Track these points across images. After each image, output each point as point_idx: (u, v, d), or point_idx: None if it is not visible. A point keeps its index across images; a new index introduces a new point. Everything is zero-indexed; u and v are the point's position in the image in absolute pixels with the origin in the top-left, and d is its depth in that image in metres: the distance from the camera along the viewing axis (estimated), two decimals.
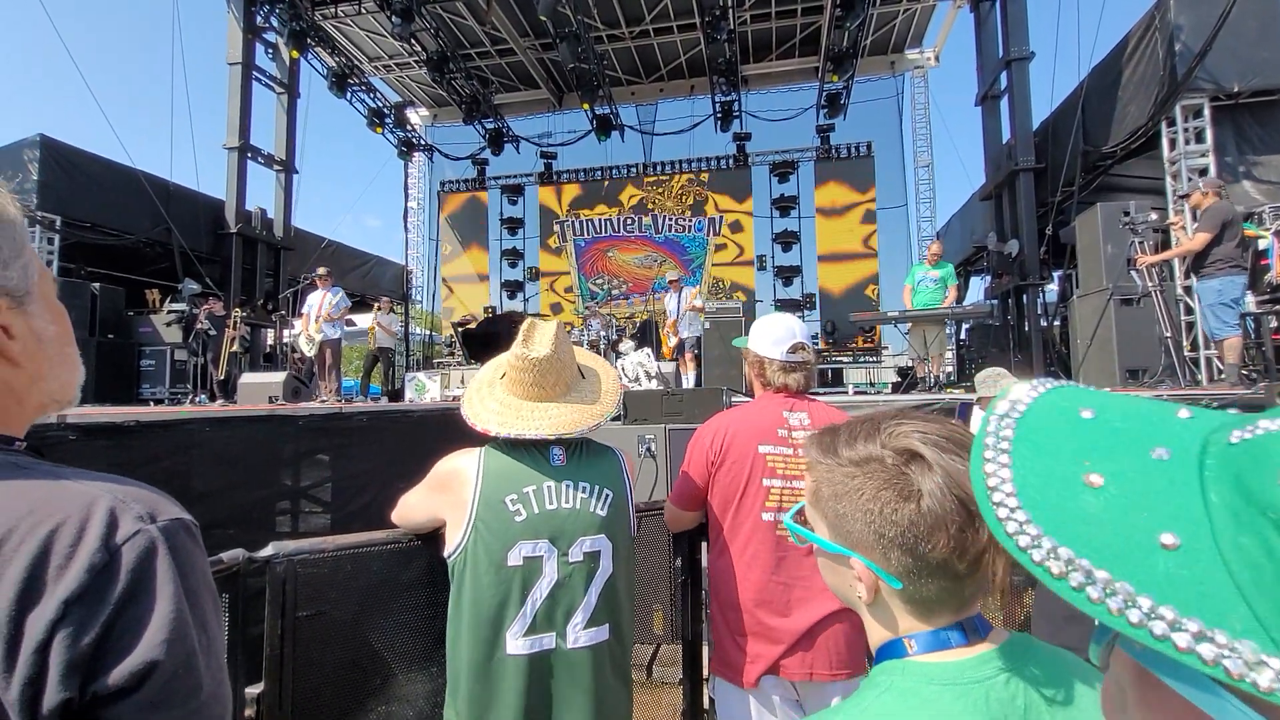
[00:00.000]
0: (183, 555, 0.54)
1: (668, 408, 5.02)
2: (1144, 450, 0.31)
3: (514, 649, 1.30)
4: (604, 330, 10.32)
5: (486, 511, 1.33)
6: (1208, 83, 7.03)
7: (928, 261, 7.69)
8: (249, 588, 1.53)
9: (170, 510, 0.55)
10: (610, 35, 13.91)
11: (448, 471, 1.41)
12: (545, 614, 1.32)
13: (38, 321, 0.60)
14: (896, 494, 0.60)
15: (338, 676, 1.70)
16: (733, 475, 1.71)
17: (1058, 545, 0.30)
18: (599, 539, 1.39)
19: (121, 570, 0.50)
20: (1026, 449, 0.35)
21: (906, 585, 0.60)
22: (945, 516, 0.58)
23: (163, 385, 9.14)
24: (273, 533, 3.69)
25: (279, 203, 12.27)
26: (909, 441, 0.61)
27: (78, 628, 0.47)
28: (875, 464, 0.62)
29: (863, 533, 0.62)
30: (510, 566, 1.31)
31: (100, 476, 0.56)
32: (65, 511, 0.50)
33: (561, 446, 1.43)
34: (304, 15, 11.42)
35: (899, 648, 0.62)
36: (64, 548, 0.49)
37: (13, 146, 8.92)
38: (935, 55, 14.96)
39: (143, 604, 0.50)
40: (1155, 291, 5.97)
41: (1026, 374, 8.69)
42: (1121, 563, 0.28)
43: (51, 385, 0.63)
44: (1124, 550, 0.28)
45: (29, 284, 0.59)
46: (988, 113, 10.59)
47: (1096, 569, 0.29)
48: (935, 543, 0.58)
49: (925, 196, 15.17)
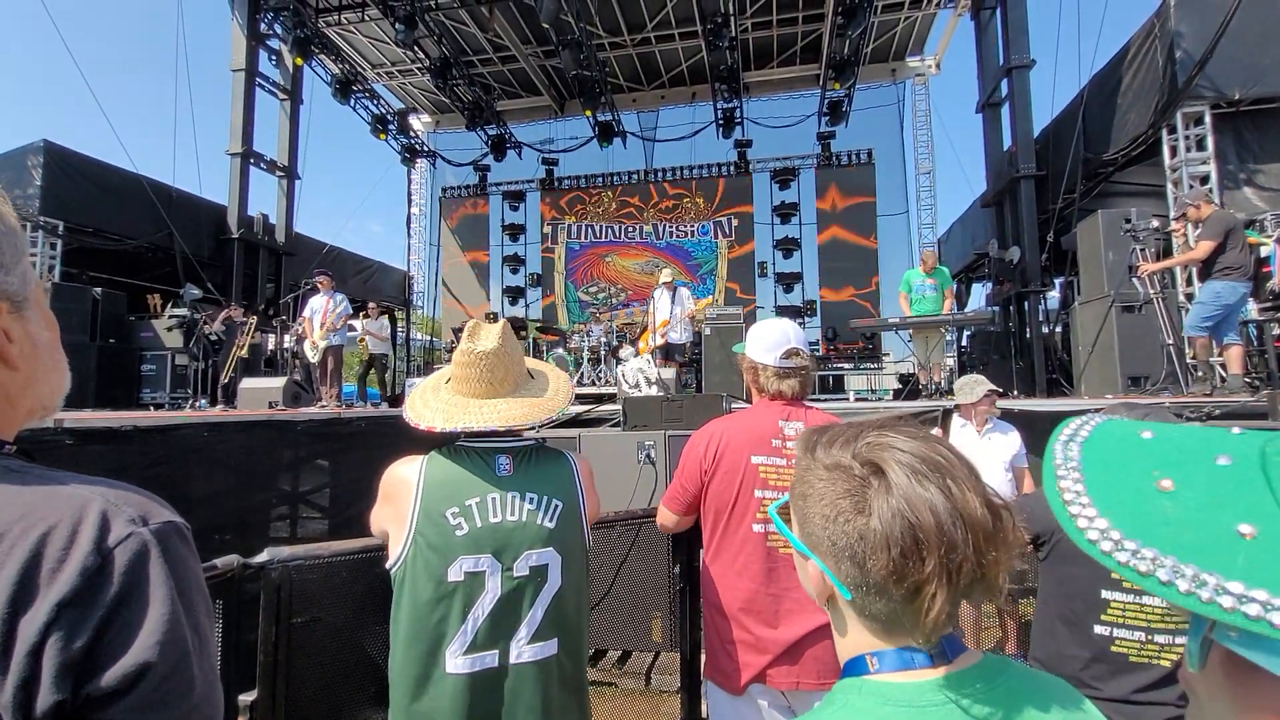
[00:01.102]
0: (175, 558, 0.54)
1: (668, 414, 5.00)
2: (1208, 458, 0.34)
3: (453, 668, 1.25)
4: (604, 336, 10.33)
5: (426, 524, 1.27)
6: (1209, 90, 7.04)
7: (923, 269, 7.70)
8: (244, 593, 1.52)
9: (162, 513, 0.56)
10: (612, 42, 13.97)
11: (391, 482, 1.35)
12: (487, 631, 1.27)
13: (34, 326, 0.61)
14: (852, 505, 0.59)
15: (332, 684, 1.69)
16: (725, 485, 1.70)
17: (1141, 546, 0.32)
18: (546, 552, 1.33)
19: (114, 573, 0.50)
20: (1096, 465, 0.38)
21: (855, 597, 0.60)
22: (889, 538, 0.56)
23: (163, 390, 9.13)
24: (270, 538, 3.68)
25: (281, 208, 12.31)
26: (879, 456, 0.60)
27: (70, 630, 0.47)
28: (842, 472, 0.62)
29: (820, 537, 0.62)
30: (450, 582, 1.26)
31: (92, 480, 0.56)
32: (58, 515, 0.51)
33: (508, 455, 1.38)
34: (308, 23, 11.49)
35: (861, 665, 0.61)
36: (56, 551, 0.49)
37: (16, 152, 8.95)
38: (936, 63, 15.01)
39: (136, 606, 0.50)
40: (1157, 298, 5.95)
41: (1028, 381, 8.69)
42: (1206, 555, 0.30)
43: (42, 390, 0.63)
44: (1206, 544, 0.31)
45: (28, 290, 0.60)
46: (989, 120, 10.62)
47: (1183, 564, 0.31)
48: (877, 562, 0.57)
49: (926, 203, 15.19)
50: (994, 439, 3.67)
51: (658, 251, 15.79)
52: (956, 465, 0.59)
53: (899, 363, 13.91)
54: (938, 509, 0.56)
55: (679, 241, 15.73)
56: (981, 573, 0.55)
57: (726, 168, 15.50)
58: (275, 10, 11.19)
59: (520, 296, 16.51)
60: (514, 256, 16.60)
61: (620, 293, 15.90)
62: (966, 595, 0.57)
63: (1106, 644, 1.49)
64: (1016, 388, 8.30)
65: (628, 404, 5.19)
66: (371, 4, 11.49)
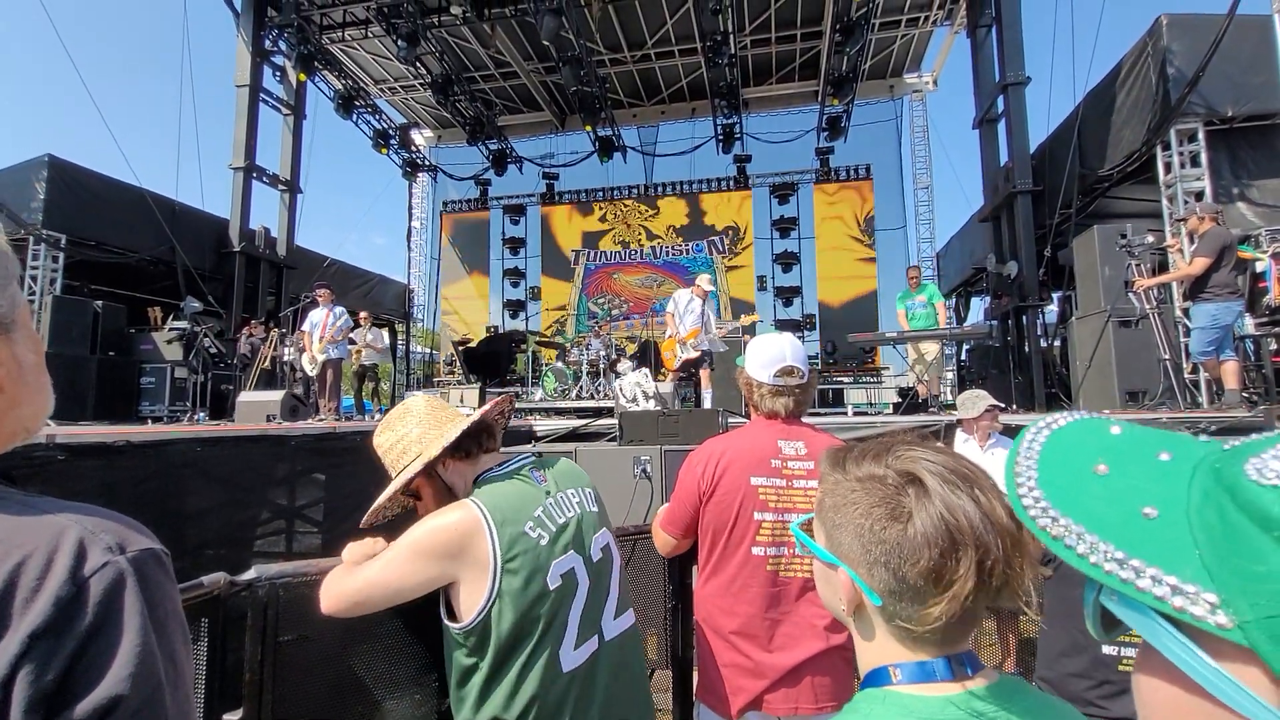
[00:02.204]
0: (151, 586, 0.53)
1: (664, 429, 4.99)
2: (1151, 453, 0.37)
3: (570, 664, 1.30)
4: (603, 350, 10.34)
5: (512, 551, 1.27)
6: (1201, 107, 7.10)
7: (910, 287, 7.80)
8: (231, 611, 1.51)
9: (140, 541, 0.55)
10: (612, 59, 14.13)
11: (455, 533, 1.27)
12: (587, 620, 1.34)
13: (20, 349, 0.61)
14: (888, 513, 0.62)
15: (319, 704, 1.67)
16: (723, 506, 1.66)
17: (1060, 516, 0.37)
18: (603, 533, 1.45)
19: (89, 603, 0.49)
20: (1052, 451, 0.42)
21: (886, 604, 0.62)
22: (929, 540, 0.59)
23: (162, 403, 9.14)
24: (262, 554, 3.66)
25: (282, 222, 12.39)
26: (913, 466, 0.63)
27: (42, 662, 0.46)
28: (876, 482, 0.64)
29: (852, 545, 0.64)
30: (550, 590, 1.29)
31: (70, 506, 0.55)
32: (33, 543, 0.50)
33: (530, 466, 1.46)
34: (312, 39, 11.63)
35: (884, 675, 0.63)
36: (30, 580, 0.48)
37: (21, 166, 9.03)
38: (933, 79, 15.17)
39: (109, 637, 0.49)
40: (1153, 314, 5.97)
41: (1027, 395, 8.69)
42: (1109, 529, 0.35)
43: (25, 412, 0.62)
44: (1113, 520, 0.35)
45: (15, 312, 0.60)
46: (985, 136, 10.70)
47: (1088, 533, 0.35)
48: (916, 564, 0.59)
49: (925, 218, 15.27)
50: (997, 454, 3.67)
51: (657, 269, 15.88)
52: (982, 476, 0.63)
53: (898, 376, 13.90)
54: (970, 514, 0.59)
55: (675, 259, 15.83)
56: (1008, 577, 0.58)
57: (726, 182, 15.61)
58: (280, 27, 11.33)
59: (520, 310, 16.57)
60: (514, 270, 16.67)
61: (623, 304, 15.97)
62: (996, 599, 0.59)
63: (1114, 664, 1.49)
64: (1015, 402, 8.29)
65: (624, 418, 5.18)
66: (375, 21, 11.64)
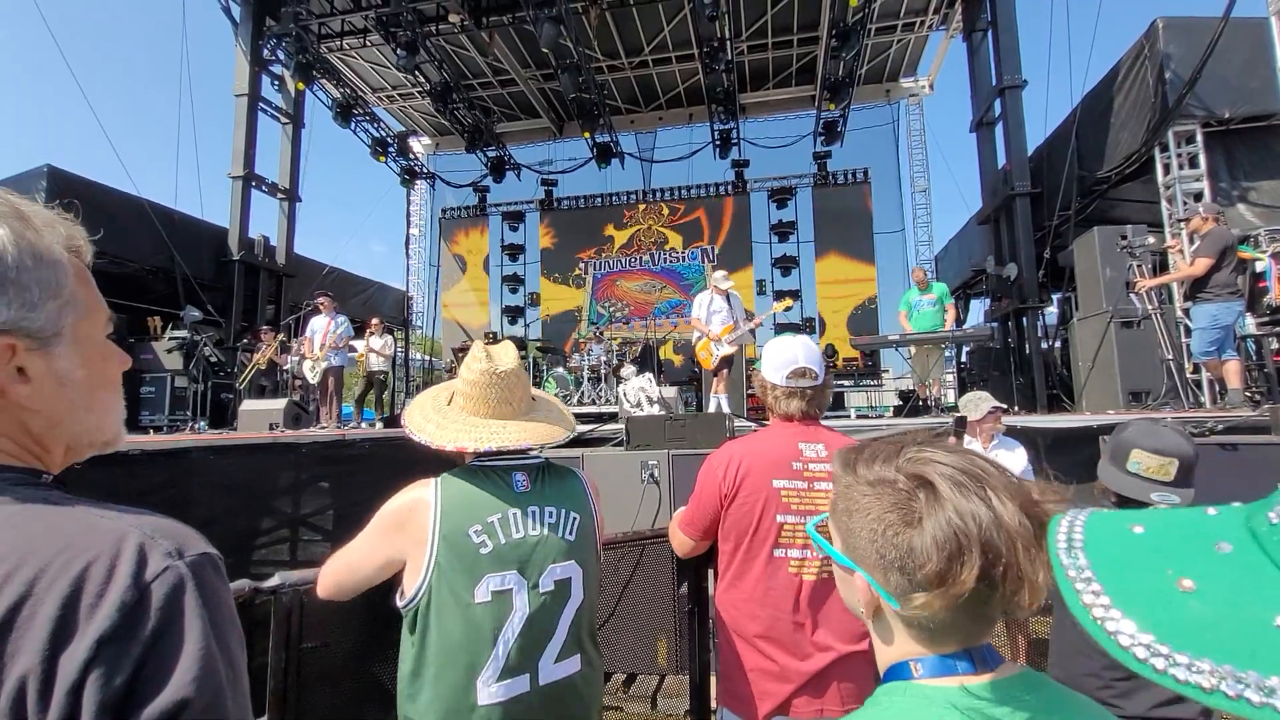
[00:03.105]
0: (209, 591, 0.54)
1: (670, 433, 4.99)
2: (1209, 547, 0.34)
3: (486, 698, 1.19)
4: (604, 355, 10.33)
5: (449, 545, 1.23)
6: (1199, 109, 7.16)
7: (918, 286, 7.78)
8: (252, 617, 1.50)
9: (197, 545, 0.56)
10: (610, 66, 14.19)
11: (402, 507, 1.28)
12: (518, 653, 1.23)
13: (64, 364, 0.61)
14: (900, 518, 0.61)
15: (341, 710, 1.66)
16: (745, 510, 1.64)
17: (1193, 658, 0.31)
18: (568, 565, 1.32)
19: (152, 607, 0.50)
20: (1110, 571, 0.37)
21: (902, 607, 0.61)
22: (939, 545, 0.58)
23: (162, 412, 9.11)
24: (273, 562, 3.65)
25: (281, 230, 12.39)
26: (924, 469, 0.62)
27: (110, 667, 0.47)
28: (887, 486, 0.63)
29: (866, 550, 0.64)
30: (479, 604, 1.21)
31: (128, 510, 0.56)
32: (96, 548, 0.51)
33: (524, 472, 1.37)
34: (310, 48, 11.66)
35: (905, 670, 0.62)
36: (95, 586, 0.49)
37: (21, 177, 9.02)
38: (930, 83, 15.25)
39: (173, 641, 0.50)
40: (1155, 314, 6.00)
41: (1028, 396, 8.71)
42: (1255, 657, 0.29)
43: (76, 429, 0.63)
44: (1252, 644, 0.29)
45: (60, 325, 0.60)
46: (983, 139, 10.76)
47: (1239, 671, 0.29)
48: (923, 568, 0.58)
49: (923, 221, 15.33)
50: (1000, 455, 3.68)
51: (655, 275, 15.93)
52: (995, 475, 0.62)
53: (899, 379, 13.93)
54: (980, 518, 0.58)
55: (671, 265, 15.88)
56: (1020, 580, 0.57)
57: (724, 187, 15.67)
58: (278, 37, 11.36)
59: (519, 316, 16.56)
60: (513, 276, 16.67)
61: (624, 308, 16.00)
62: (1012, 603, 0.58)
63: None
64: (1017, 403, 8.31)
65: (630, 423, 5.18)
66: (373, 30, 11.67)
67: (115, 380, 0.69)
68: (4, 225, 0.58)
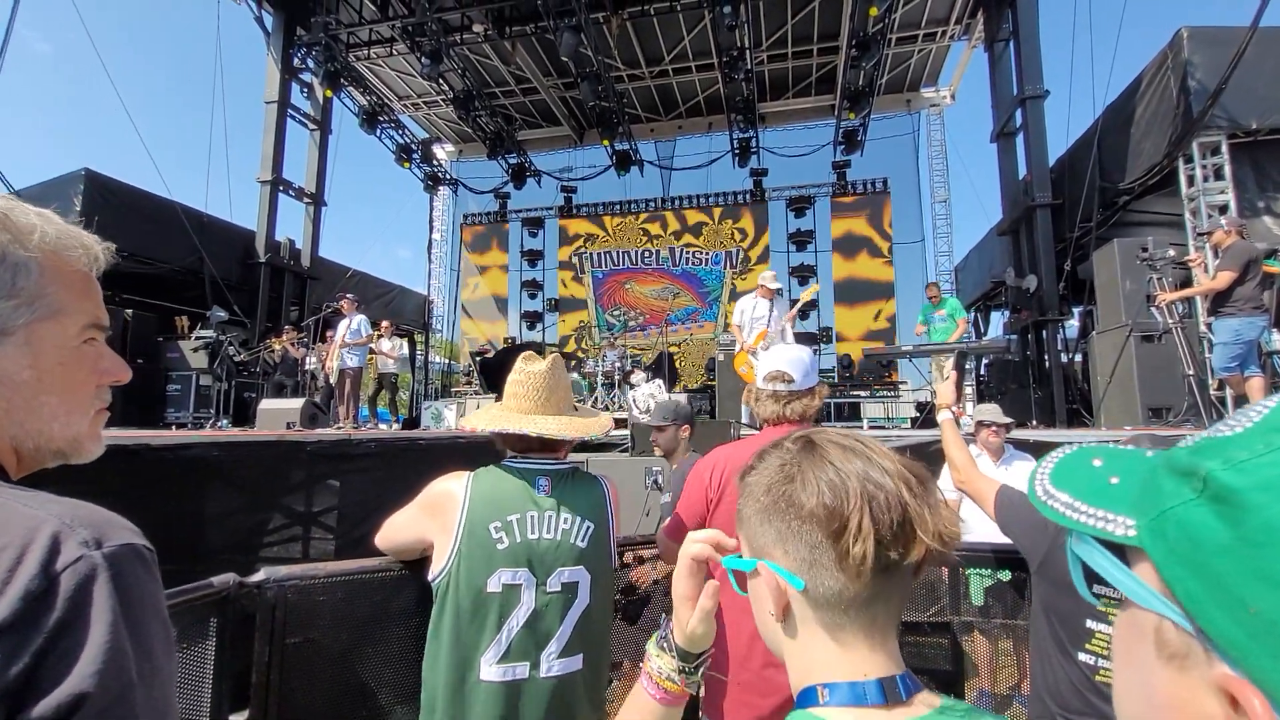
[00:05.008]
0: (127, 581, 0.51)
1: None
2: (1139, 453, 0.45)
3: (487, 675, 1.31)
4: (618, 362, 10.38)
5: (471, 537, 1.35)
6: (1225, 120, 7.00)
7: (931, 302, 7.74)
8: (239, 612, 1.55)
9: (120, 536, 0.53)
10: (630, 74, 14.30)
11: (438, 494, 1.44)
12: (520, 642, 1.34)
13: (6, 363, 0.59)
14: (783, 476, 0.63)
15: (325, 707, 1.70)
16: (730, 514, 1.66)
17: (1058, 493, 0.45)
18: (577, 570, 1.41)
19: (59, 598, 0.48)
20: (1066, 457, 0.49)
21: (807, 583, 0.59)
22: (819, 493, 0.59)
23: (187, 410, 9.35)
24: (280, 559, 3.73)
25: (307, 234, 12.67)
26: (808, 434, 0.65)
27: (6, 656, 0.46)
28: (774, 452, 0.66)
29: (763, 531, 0.63)
30: (489, 593, 1.33)
31: (56, 501, 0.54)
32: (8, 537, 0.49)
33: (547, 476, 1.46)
34: (338, 57, 11.95)
35: (811, 696, 0.59)
36: (0, 574, 0.47)
37: (59, 180, 9.36)
38: (951, 94, 15.10)
39: (77, 633, 0.48)
40: (1176, 328, 5.85)
41: (1047, 410, 8.54)
42: (1086, 495, 0.43)
43: (11, 430, 0.61)
44: (1091, 489, 0.43)
45: (9, 324, 0.59)
46: (1003, 149, 10.62)
47: (1073, 499, 0.43)
48: (811, 521, 0.59)
49: (943, 232, 15.15)
50: (1013, 467, 3.65)
51: (674, 279, 15.92)
52: (876, 445, 0.64)
53: (917, 390, 13.74)
54: (858, 467, 0.61)
55: (693, 269, 15.85)
56: (906, 514, 0.58)
57: (742, 195, 15.65)
58: (308, 46, 11.66)
59: (538, 321, 16.69)
60: (532, 282, 16.83)
61: (639, 316, 16.02)
62: (906, 547, 0.58)
63: (1092, 673, 1.49)
64: (1035, 417, 8.15)
65: (636, 429, 5.21)
66: (399, 39, 11.92)
67: (78, 387, 0.66)
68: None
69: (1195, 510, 0.34)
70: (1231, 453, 0.34)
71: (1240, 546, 0.31)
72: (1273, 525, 0.30)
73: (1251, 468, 0.32)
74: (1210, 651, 0.33)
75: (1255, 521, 0.31)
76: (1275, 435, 0.33)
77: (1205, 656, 0.33)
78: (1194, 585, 0.34)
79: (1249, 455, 0.33)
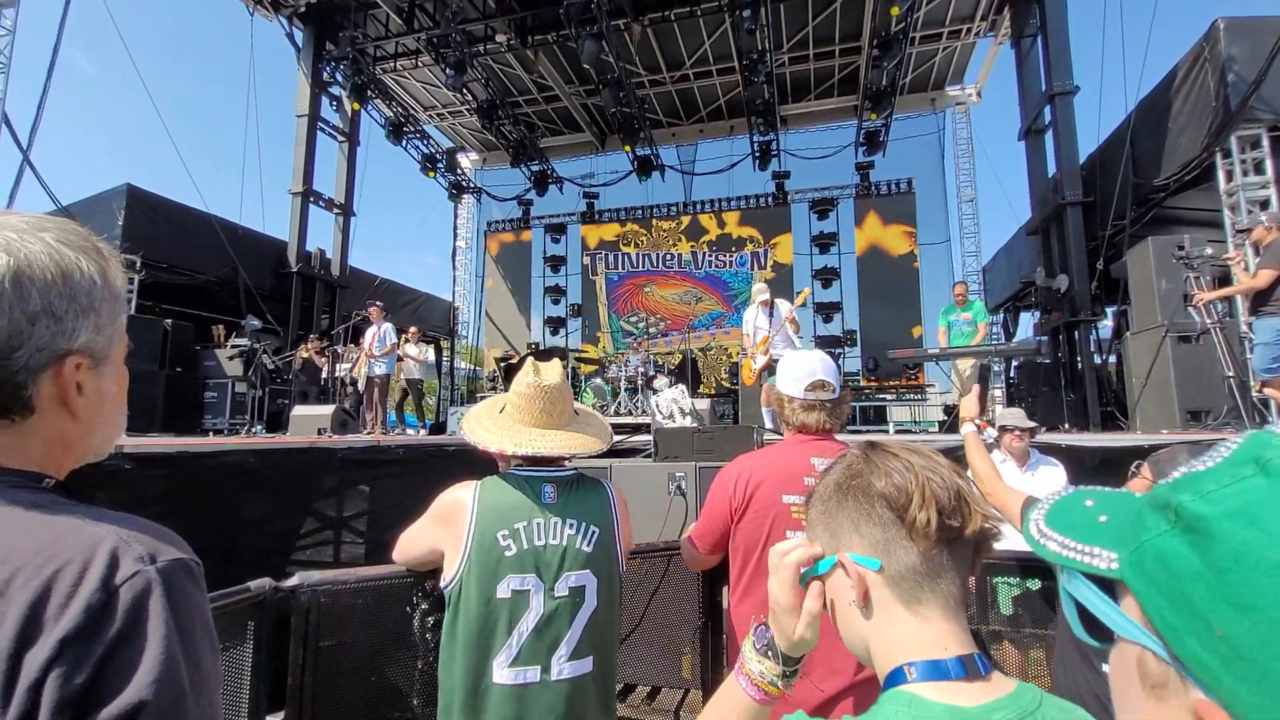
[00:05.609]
0: (178, 595, 0.55)
1: (699, 445, 4.99)
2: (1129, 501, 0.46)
3: (499, 679, 1.35)
4: (642, 366, 10.39)
5: (480, 545, 1.39)
6: (1265, 112, 6.76)
7: (956, 303, 7.61)
8: (275, 615, 1.60)
9: (171, 551, 0.57)
10: (651, 80, 14.36)
11: (448, 504, 1.48)
12: (530, 647, 1.37)
13: (106, 382, 0.67)
14: (854, 473, 0.72)
15: (356, 707, 1.75)
16: (755, 524, 1.64)
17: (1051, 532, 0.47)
18: (584, 574, 1.45)
19: (118, 611, 0.51)
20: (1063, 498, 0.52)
21: (884, 563, 0.66)
22: (888, 470, 0.69)
23: (223, 416, 9.62)
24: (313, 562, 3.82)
25: (337, 243, 12.96)
26: (870, 440, 0.75)
27: (71, 666, 0.49)
28: (841, 462, 0.75)
29: (838, 522, 0.72)
30: (499, 599, 1.37)
31: (111, 516, 0.59)
32: (71, 552, 0.53)
33: (553, 484, 1.49)
34: (365, 70, 12.22)
35: (899, 675, 0.64)
36: (65, 588, 0.51)
37: (103, 195, 9.75)
38: (977, 91, 14.85)
39: (135, 644, 0.51)
40: (1215, 329, 5.68)
41: (1080, 414, 8.32)
42: (1076, 533, 0.45)
43: (96, 440, 0.69)
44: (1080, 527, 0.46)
45: (112, 350, 0.67)
46: (1032, 147, 10.40)
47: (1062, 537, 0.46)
48: (880, 496, 0.68)
49: (970, 232, 14.88)
50: (1039, 473, 3.59)
51: (697, 282, 15.89)
52: (927, 449, 0.74)
53: (944, 394, 13.51)
54: (918, 460, 0.70)
55: (717, 271, 15.79)
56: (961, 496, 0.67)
57: (765, 199, 15.57)
58: (337, 60, 11.95)
59: (561, 326, 16.81)
60: (555, 287, 16.96)
61: (660, 322, 16.01)
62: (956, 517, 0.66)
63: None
64: (1067, 420, 7.96)
65: (659, 435, 5.20)
66: (424, 51, 12.15)
67: (124, 398, 0.74)
68: (92, 261, 0.64)
69: (1170, 540, 0.36)
70: (1202, 484, 0.36)
71: (1209, 573, 0.33)
72: (1238, 551, 0.32)
73: (1219, 498, 0.35)
74: (1186, 679, 0.35)
75: (1222, 548, 0.33)
76: (1242, 467, 0.35)
77: (1182, 684, 0.35)
78: (1170, 614, 0.36)
79: (1216, 486, 0.35)
